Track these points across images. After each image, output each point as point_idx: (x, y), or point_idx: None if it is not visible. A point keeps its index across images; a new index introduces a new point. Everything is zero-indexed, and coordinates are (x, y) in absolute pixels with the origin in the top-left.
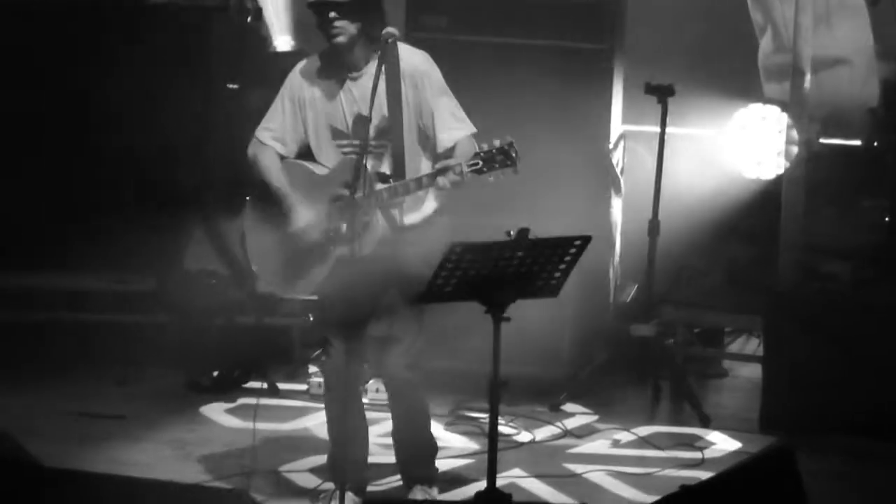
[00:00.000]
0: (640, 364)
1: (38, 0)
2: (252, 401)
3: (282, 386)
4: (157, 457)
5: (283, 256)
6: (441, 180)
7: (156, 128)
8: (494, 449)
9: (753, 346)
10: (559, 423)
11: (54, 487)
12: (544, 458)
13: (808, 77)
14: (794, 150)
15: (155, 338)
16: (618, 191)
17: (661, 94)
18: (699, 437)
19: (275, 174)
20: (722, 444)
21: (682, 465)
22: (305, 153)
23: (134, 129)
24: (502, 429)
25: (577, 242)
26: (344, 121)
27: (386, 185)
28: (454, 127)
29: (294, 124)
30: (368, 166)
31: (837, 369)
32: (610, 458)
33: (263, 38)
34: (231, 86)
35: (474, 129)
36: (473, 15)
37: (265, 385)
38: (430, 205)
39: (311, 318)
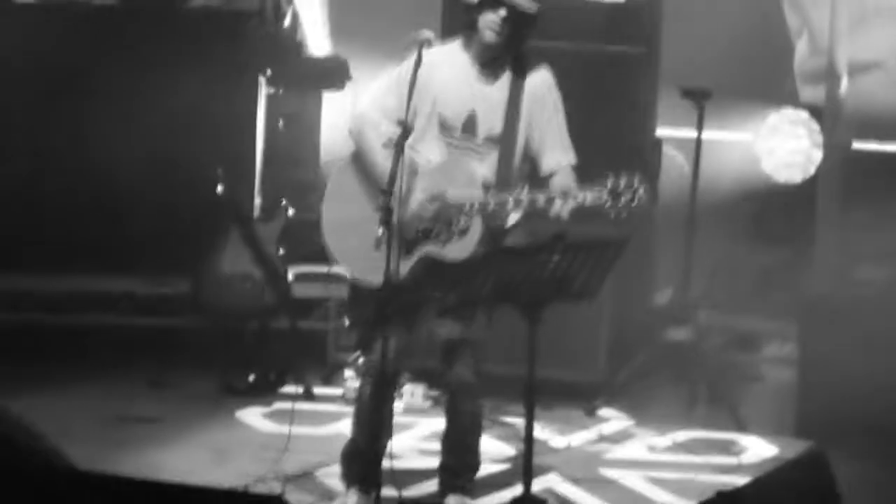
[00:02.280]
0: (675, 368)
1: (76, 4)
2: (287, 405)
3: (317, 390)
4: (192, 461)
5: (358, 240)
6: (559, 206)
7: (192, 131)
8: (530, 453)
9: (789, 350)
10: (595, 428)
11: (89, 491)
12: (580, 463)
13: (843, 81)
14: (828, 153)
15: (190, 341)
16: (654, 195)
17: (698, 98)
18: (735, 442)
19: (381, 154)
20: (758, 448)
21: (719, 471)
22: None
23: (171, 132)
24: (538, 433)
25: (613, 246)
26: (459, 117)
27: (498, 198)
28: (559, 151)
29: (403, 106)
30: (479, 170)
31: (873, 374)
32: (646, 463)
33: (300, 43)
34: (268, 90)
35: (575, 161)
36: None
37: (301, 389)
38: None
39: (348, 322)
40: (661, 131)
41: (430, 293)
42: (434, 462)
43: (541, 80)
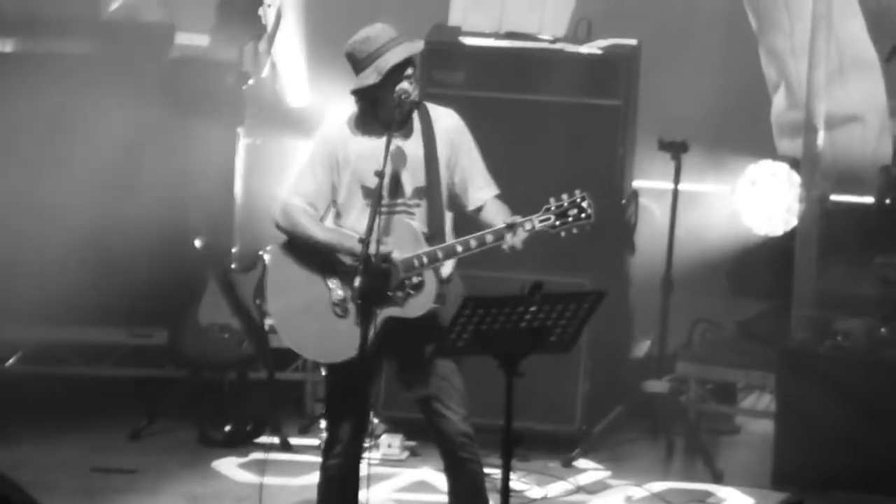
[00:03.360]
0: (653, 420)
1: (53, 54)
2: (264, 455)
3: (294, 441)
4: None
5: (321, 322)
6: (510, 239)
7: (170, 180)
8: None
9: (766, 402)
10: (572, 479)
11: None
12: None
13: (821, 134)
14: (806, 206)
15: (168, 391)
16: (631, 246)
17: (675, 150)
18: (712, 494)
19: (319, 232)
20: (734, 500)
21: None
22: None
23: (149, 180)
24: (514, 484)
25: (591, 298)
26: (382, 180)
27: (444, 245)
28: (483, 186)
29: (325, 187)
30: (417, 226)
31: (850, 426)
32: None
33: (278, 93)
34: (245, 140)
35: (498, 191)
36: (489, 71)
37: (277, 440)
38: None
39: (324, 374)
40: (639, 183)
41: (399, 356)
42: None
43: (450, 123)
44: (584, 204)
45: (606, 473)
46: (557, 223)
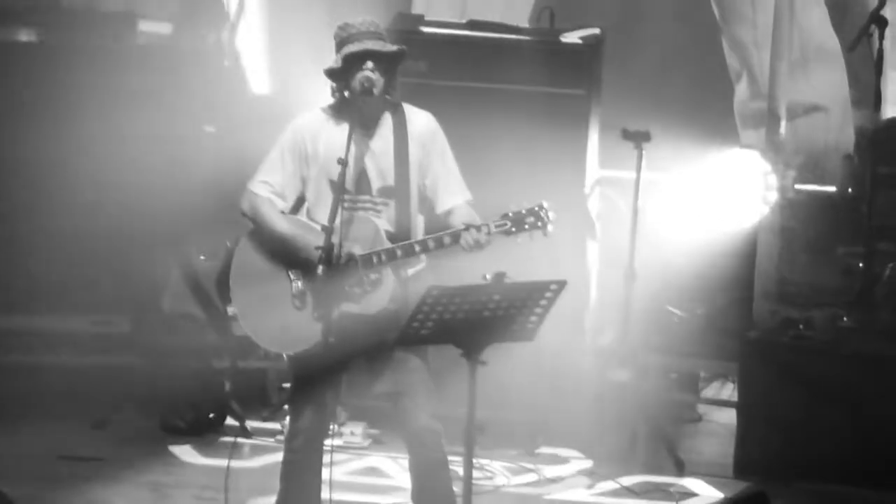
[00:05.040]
0: (616, 408)
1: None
2: (227, 442)
3: (255, 425)
4: (134, 499)
5: (279, 313)
6: (466, 239)
7: (133, 170)
8: (469, 493)
9: (728, 391)
10: (535, 468)
11: None
12: (519, 502)
13: (783, 123)
14: (773, 196)
15: (131, 380)
16: (593, 236)
17: (638, 139)
18: (674, 483)
19: (280, 223)
20: (696, 489)
21: None
22: (294, 209)
23: (110, 170)
24: (477, 473)
25: (553, 287)
26: (350, 177)
27: (402, 244)
28: (455, 191)
29: (294, 179)
30: (380, 224)
31: (811, 416)
32: (585, 503)
33: (241, 82)
34: (208, 129)
35: (470, 197)
36: (453, 60)
37: (240, 426)
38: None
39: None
40: (602, 172)
41: (364, 348)
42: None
43: (424, 125)
44: (543, 214)
45: (569, 462)
46: (513, 229)
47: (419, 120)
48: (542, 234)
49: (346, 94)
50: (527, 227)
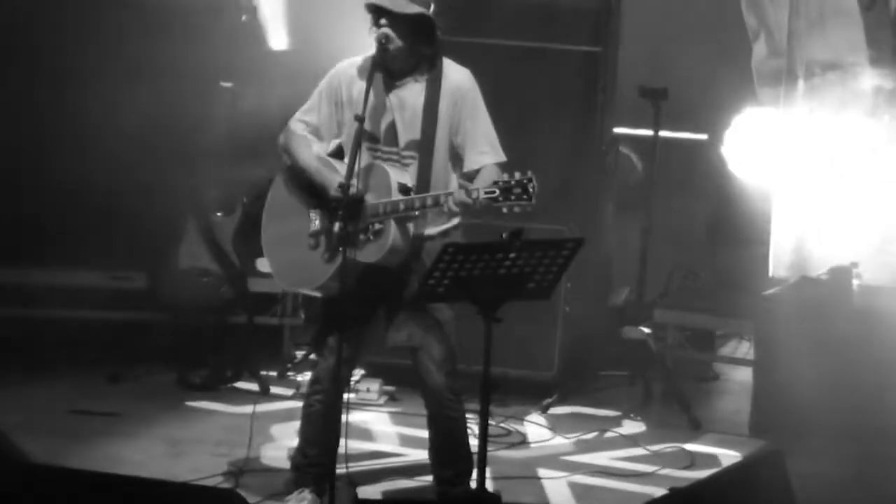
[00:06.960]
0: (631, 366)
1: None
2: (244, 399)
3: (272, 385)
4: (149, 454)
5: (296, 250)
6: (453, 199)
7: (150, 125)
8: (485, 449)
9: (745, 349)
10: (549, 426)
11: (45, 485)
12: (534, 459)
13: (801, 82)
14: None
15: (147, 335)
16: (610, 194)
17: (655, 97)
18: (689, 440)
19: (307, 159)
20: (712, 446)
21: (672, 468)
22: (335, 153)
23: (128, 125)
24: (492, 429)
25: (570, 245)
26: (379, 127)
27: (404, 198)
28: (485, 151)
29: (330, 122)
30: (395, 176)
31: (828, 374)
32: (600, 459)
33: (258, 37)
34: (225, 84)
35: (504, 159)
36: (469, 18)
37: (256, 384)
38: (454, 218)
39: (304, 317)
40: (619, 130)
41: (370, 299)
42: (387, 459)
43: (458, 82)
44: (529, 186)
45: (584, 419)
46: (500, 198)
47: (455, 76)
48: (527, 206)
49: None
50: (513, 197)
